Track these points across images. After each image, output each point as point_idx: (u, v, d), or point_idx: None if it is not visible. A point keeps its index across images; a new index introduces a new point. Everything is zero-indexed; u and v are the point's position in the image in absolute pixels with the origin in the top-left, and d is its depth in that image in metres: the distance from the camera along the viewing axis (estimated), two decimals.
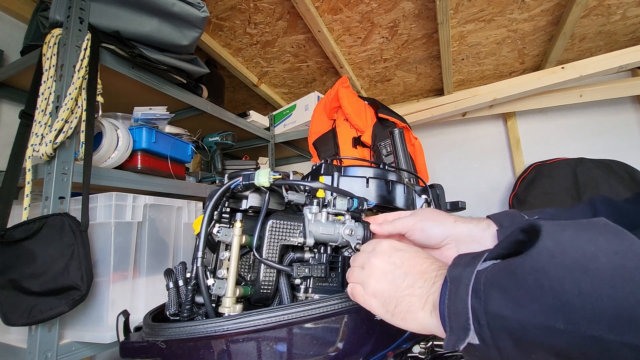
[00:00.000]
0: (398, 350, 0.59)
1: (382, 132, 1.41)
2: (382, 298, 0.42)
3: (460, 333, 0.32)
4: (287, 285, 0.59)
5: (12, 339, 0.93)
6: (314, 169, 0.72)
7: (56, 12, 0.95)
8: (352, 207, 0.62)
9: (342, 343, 0.52)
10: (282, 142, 2.11)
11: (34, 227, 0.82)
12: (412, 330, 0.39)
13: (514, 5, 1.56)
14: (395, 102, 2.56)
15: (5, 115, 1.39)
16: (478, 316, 0.31)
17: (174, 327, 0.49)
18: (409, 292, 0.39)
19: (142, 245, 1.02)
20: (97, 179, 0.96)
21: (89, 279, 0.82)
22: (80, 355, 0.90)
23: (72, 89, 0.89)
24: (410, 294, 0.39)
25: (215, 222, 0.60)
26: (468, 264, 0.35)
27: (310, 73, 2.15)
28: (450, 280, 0.35)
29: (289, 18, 1.63)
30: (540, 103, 2.05)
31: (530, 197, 1.91)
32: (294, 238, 0.59)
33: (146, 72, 1.20)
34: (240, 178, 0.60)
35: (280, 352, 0.49)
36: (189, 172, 1.59)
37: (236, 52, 1.92)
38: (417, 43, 1.83)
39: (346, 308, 0.51)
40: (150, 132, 1.14)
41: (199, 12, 1.15)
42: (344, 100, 1.46)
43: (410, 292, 0.39)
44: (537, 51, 1.93)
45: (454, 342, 0.33)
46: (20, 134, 0.95)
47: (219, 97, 1.73)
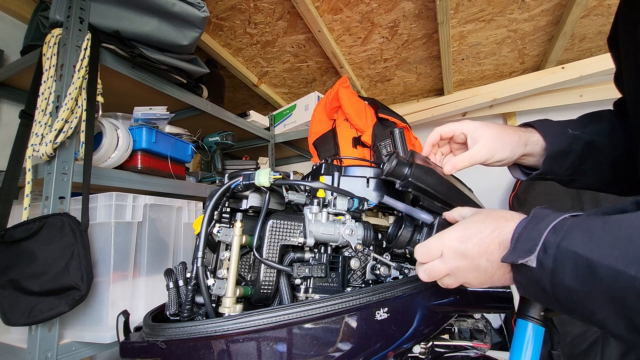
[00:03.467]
0: (398, 350, 0.59)
1: (382, 132, 1.41)
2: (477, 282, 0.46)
3: (522, 253, 0.37)
4: (287, 285, 0.59)
5: (12, 339, 0.93)
6: (314, 169, 0.72)
7: (56, 12, 0.95)
8: (352, 207, 0.62)
9: (342, 343, 0.52)
10: (282, 142, 2.10)
11: (34, 227, 0.82)
12: None
13: (514, 5, 1.56)
14: (395, 102, 2.56)
15: (5, 115, 1.39)
16: (547, 246, 0.35)
17: (174, 327, 0.49)
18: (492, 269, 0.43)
19: (142, 245, 1.02)
20: (97, 179, 0.96)
21: (89, 279, 0.82)
22: (80, 355, 0.90)
23: (72, 88, 0.89)
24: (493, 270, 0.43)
25: (215, 222, 0.60)
26: (559, 210, 0.38)
27: (310, 73, 2.15)
28: (534, 215, 0.40)
29: (289, 18, 1.63)
30: (540, 103, 2.05)
31: (530, 197, 1.91)
32: (294, 238, 0.59)
33: (146, 72, 1.20)
34: (240, 178, 0.60)
35: (280, 352, 0.49)
36: (189, 172, 1.59)
37: (236, 52, 1.92)
38: (417, 43, 1.83)
39: (346, 308, 0.51)
40: (150, 132, 1.14)
41: (199, 12, 1.15)
42: (344, 100, 1.46)
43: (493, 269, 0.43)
44: (537, 51, 1.93)
45: (513, 257, 0.38)
46: (20, 134, 0.95)
47: (219, 97, 1.73)
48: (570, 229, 0.35)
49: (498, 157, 0.60)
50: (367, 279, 0.65)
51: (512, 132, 0.62)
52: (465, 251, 0.44)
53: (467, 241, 0.44)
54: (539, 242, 0.36)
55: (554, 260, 0.35)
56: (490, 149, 0.60)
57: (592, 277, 0.32)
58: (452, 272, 0.46)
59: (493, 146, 0.60)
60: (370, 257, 0.65)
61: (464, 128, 0.63)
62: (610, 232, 0.32)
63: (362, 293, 0.53)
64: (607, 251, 0.31)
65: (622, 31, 0.57)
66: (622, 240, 0.31)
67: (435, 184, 0.59)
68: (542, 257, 0.35)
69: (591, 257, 0.32)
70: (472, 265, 0.44)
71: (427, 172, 0.59)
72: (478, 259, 0.43)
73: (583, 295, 0.33)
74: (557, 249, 0.35)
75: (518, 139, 0.62)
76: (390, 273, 0.64)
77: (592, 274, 0.32)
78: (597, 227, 0.34)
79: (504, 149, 0.60)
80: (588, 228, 0.34)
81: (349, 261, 0.63)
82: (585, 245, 0.33)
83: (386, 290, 0.55)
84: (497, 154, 0.60)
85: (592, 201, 1.74)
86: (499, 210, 0.46)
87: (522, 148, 0.62)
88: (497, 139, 0.60)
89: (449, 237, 0.46)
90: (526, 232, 0.38)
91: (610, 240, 0.32)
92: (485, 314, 1.01)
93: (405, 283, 0.58)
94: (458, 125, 0.63)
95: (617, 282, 0.30)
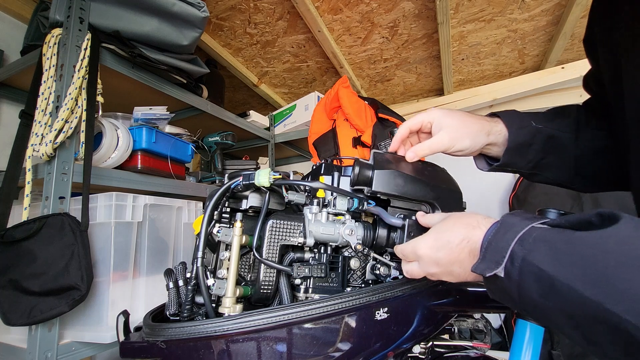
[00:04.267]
0: (398, 350, 0.59)
1: (382, 132, 1.41)
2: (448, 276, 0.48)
3: (490, 264, 0.38)
4: (287, 285, 0.59)
5: (12, 339, 0.93)
6: (314, 169, 0.72)
7: (56, 12, 0.95)
8: (352, 207, 0.62)
9: (342, 343, 0.52)
10: (282, 142, 2.11)
11: (34, 227, 0.82)
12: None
13: (514, 5, 1.56)
14: (395, 102, 2.56)
15: (5, 115, 1.39)
16: (514, 258, 0.36)
17: (174, 327, 0.49)
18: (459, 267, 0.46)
19: (142, 245, 1.02)
20: (97, 179, 0.96)
21: (89, 279, 0.82)
22: (80, 355, 0.90)
23: (72, 88, 0.89)
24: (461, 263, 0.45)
25: (215, 222, 0.60)
26: (526, 218, 0.39)
27: (310, 73, 2.15)
28: (502, 223, 0.40)
29: (289, 18, 1.63)
30: (540, 103, 2.05)
31: (530, 197, 1.91)
32: (294, 238, 0.59)
33: (146, 72, 1.20)
34: (240, 178, 0.60)
35: (280, 352, 0.49)
36: (189, 172, 1.59)
37: (236, 52, 1.92)
38: (417, 43, 1.83)
39: (346, 308, 0.51)
40: (150, 132, 1.14)
41: (199, 12, 1.15)
42: (344, 100, 1.46)
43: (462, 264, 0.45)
44: (537, 51, 1.93)
45: (482, 268, 0.39)
46: (20, 134, 0.95)
47: (219, 97, 1.73)
48: (536, 243, 0.36)
49: (459, 146, 0.61)
50: (367, 279, 0.65)
51: (475, 121, 0.62)
52: (437, 259, 0.46)
53: (439, 251, 0.46)
54: (506, 253, 0.37)
55: (520, 273, 0.35)
56: (451, 137, 0.60)
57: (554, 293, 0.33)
58: (429, 275, 0.49)
59: (455, 135, 0.60)
60: (370, 257, 0.65)
61: (430, 117, 0.62)
62: (573, 251, 0.33)
63: (362, 293, 0.53)
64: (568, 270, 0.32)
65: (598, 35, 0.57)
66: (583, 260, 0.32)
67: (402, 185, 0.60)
68: (510, 268, 0.36)
69: (553, 274, 0.33)
70: (446, 271, 0.46)
71: (391, 174, 0.59)
72: (451, 266, 0.45)
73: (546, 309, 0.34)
74: (523, 262, 0.35)
75: (481, 127, 0.62)
76: (390, 273, 0.64)
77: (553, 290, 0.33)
78: (561, 244, 0.34)
79: (465, 137, 0.60)
80: (553, 244, 0.35)
81: (349, 261, 0.63)
82: (548, 262, 0.34)
83: (386, 290, 0.55)
84: (458, 142, 0.60)
85: (592, 202, 1.74)
86: (466, 216, 0.47)
87: (484, 137, 0.62)
88: (460, 127, 0.60)
89: (422, 247, 0.48)
90: (495, 242, 0.39)
91: (571, 259, 0.32)
92: (485, 314, 1.00)
93: (405, 283, 0.58)
94: (425, 115, 0.63)
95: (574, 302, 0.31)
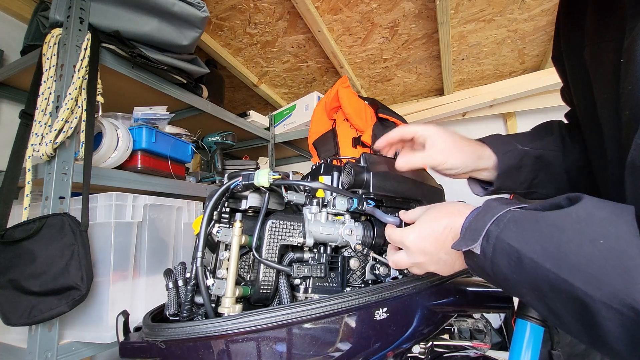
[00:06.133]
0: (398, 350, 0.59)
1: (382, 132, 1.40)
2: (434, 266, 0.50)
3: (468, 241, 0.41)
4: (286, 286, 0.59)
5: (12, 339, 0.93)
6: (313, 169, 0.72)
7: (56, 12, 0.95)
8: (351, 207, 0.62)
9: (342, 343, 0.52)
10: (282, 142, 2.10)
11: (34, 227, 0.82)
12: None
13: (514, 5, 1.56)
14: (395, 102, 2.56)
15: (5, 115, 1.39)
16: (489, 237, 0.40)
17: (174, 327, 0.49)
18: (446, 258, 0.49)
19: (142, 245, 1.02)
20: (97, 179, 0.96)
21: (89, 279, 0.82)
22: (80, 355, 0.90)
23: (72, 88, 0.89)
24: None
25: (215, 222, 0.60)
26: (505, 203, 0.42)
27: (310, 73, 2.15)
28: (484, 206, 0.44)
29: (289, 18, 1.63)
30: (540, 103, 2.05)
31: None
32: (294, 238, 0.59)
33: (146, 72, 1.20)
34: (239, 178, 0.60)
35: (279, 352, 0.49)
36: (189, 172, 1.59)
37: (236, 52, 1.92)
38: (417, 43, 1.83)
39: (346, 308, 0.51)
40: (150, 132, 1.14)
41: (199, 12, 1.15)
42: (344, 100, 1.46)
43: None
44: (537, 51, 1.92)
45: (460, 244, 0.42)
46: (20, 134, 0.95)
47: (219, 97, 1.73)
48: (509, 222, 0.39)
49: (450, 165, 0.62)
50: (367, 279, 0.66)
51: (467, 144, 0.64)
52: (424, 248, 0.49)
53: (425, 240, 0.49)
54: (482, 232, 0.40)
55: (493, 249, 0.39)
56: (444, 155, 0.61)
57: (520, 267, 0.37)
58: (416, 265, 0.51)
59: (448, 153, 0.61)
60: (369, 257, 0.65)
61: (425, 131, 0.63)
62: (537, 228, 0.36)
63: (362, 293, 0.53)
64: (532, 246, 0.36)
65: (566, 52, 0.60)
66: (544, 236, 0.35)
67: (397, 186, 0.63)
68: (485, 245, 0.40)
69: (519, 250, 0.36)
70: (433, 259, 0.49)
71: (385, 176, 0.62)
72: (437, 254, 0.48)
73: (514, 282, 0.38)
74: (496, 239, 0.39)
75: (472, 150, 0.63)
76: (389, 273, 0.64)
77: (519, 265, 0.37)
78: (528, 223, 0.38)
79: (456, 157, 0.62)
80: (522, 223, 0.38)
81: (349, 261, 0.63)
82: (516, 238, 0.37)
83: (385, 290, 0.55)
84: (449, 160, 0.61)
85: None
86: (447, 205, 0.51)
87: (475, 161, 0.63)
88: (453, 147, 0.62)
89: (409, 237, 0.50)
90: (474, 223, 0.43)
91: (535, 236, 0.36)
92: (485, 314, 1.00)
93: (404, 283, 0.58)
94: (420, 128, 0.64)
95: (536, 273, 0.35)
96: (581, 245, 0.32)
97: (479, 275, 0.45)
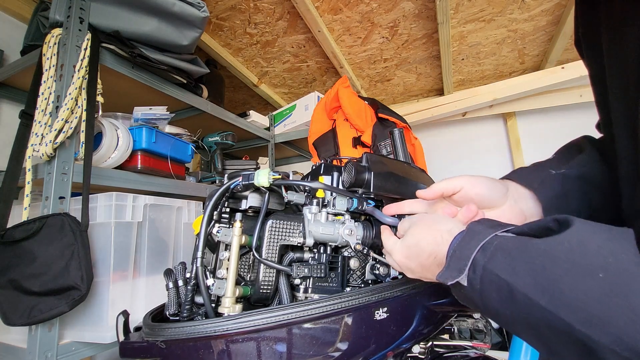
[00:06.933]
0: (398, 350, 0.59)
1: (382, 132, 1.41)
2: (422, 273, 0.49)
3: (454, 272, 0.38)
4: (286, 285, 0.59)
5: (12, 339, 0.93)
6: (313, 169, 0.72)
7: (56, 12, 0.95)
8: (351, 207, 0.62)
9: (342, 343, 0.52)
10: (282, 142, 2.10)
11: (34, 227, 0.82)
12: None
13: (514, 5, 1.56)
14: (395, 102, 2.56)
15: (5, 115, 1.39)
16: (475, 267, 0.36)
17: (174, 327, 0.49)
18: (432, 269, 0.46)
19: (142, 245, 1.02)
20: (97, 179, 0.96)
21: (89, 279, 0.82)
22: (80, 355, 0.90)
23: (72, 88, 0.89)
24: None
25: (215, 222, 0.60)
26: (491, 227, 0.39)
27: (310, 73, 2.15)
28: (468, 231, 0.40)
29: (289, 18, 1.63)
30: (540, 103, 2.05)
31: None
32: (294, 238, 0.59)
33: (146, 72, 1.20)
34: (239, 178, 0.60)
35: (279, 352, 0.49)
36: (189, 172, 1.59)
37: (236, 52, 1.92)
38: (417, 43, 1.83)
39: (345, 308, 0.51)
40: (150, 132, 1.14)
41: (199, 12, 1.15)
42: (344, 100, 1.46)
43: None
44: (537, 51, 1.93)
45: (446, 277, 0.39)
46: (20, 134, 0.95)
47: (219, 97, 1.73)
48: (496, 250, 0.35)
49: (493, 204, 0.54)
50: (367, 279, 0.66)
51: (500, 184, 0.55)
52: (411, 268, 0.49)
53: (411, 261, 0.48)
54: (468, 261, 0.37)
55: (481, 281, 0.35)
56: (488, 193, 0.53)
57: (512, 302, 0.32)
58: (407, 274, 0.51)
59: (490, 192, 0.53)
60: (369, 257, 0.65)
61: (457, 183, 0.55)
62: (527, 259, 0.32)
63: (362, 293, 0.53)
64: (523, 279, 0.32)
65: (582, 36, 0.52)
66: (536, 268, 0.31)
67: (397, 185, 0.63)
68: (472, 277, 0.36)
69: (510, 283, 0.32)
70: (420, 276, 0.49)
71: (385, 176, 0.62)
72: (424, 273, 0.47)
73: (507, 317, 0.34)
74: (483, 270, 0.35)
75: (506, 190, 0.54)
76: (389, 273, 0.64)
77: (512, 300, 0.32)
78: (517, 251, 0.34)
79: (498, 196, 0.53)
80: (510, 251, 0.34)
81: (349, 261, 0.63)
82: (506, 270, 0.33)
83: (385, 290, 0.55)
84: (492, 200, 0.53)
85: None
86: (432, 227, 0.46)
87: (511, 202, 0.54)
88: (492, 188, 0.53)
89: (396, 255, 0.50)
90: (459, 250, 0.39)
91: (526, 268, 0.32)
92: None
93: (404, 283, 0.58)
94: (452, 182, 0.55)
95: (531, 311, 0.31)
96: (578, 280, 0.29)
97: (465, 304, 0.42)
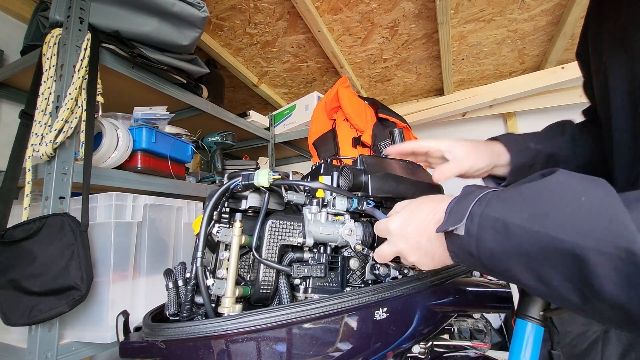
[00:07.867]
0: (398, 350, 0.59)
1: (382, 132, 1.41)
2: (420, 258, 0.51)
3: (452, 223, 0.42)
4: (286, 285, 0.59)
5: (12, 339, 0.93)
6: (313, 169, 0.72)
7: (56, 12, 0.95)
8: (351, 207, 0.62)
9: (341, 343, 0.52)
10: (282, 142, 2.10)
11: (34, 227, 0.82)
12: None
13: (514, 5, 1.56)
14: (395, 102, 2.56)
15: (5, 115, 1.39)
16: (473, 215, 0.41)
17: (174, 327, 0.49)
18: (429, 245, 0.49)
19: (142, 245, 1.02)
20: (97, 179, 0.96)
21: (89, 279, 0.82)
22: (80, 355, 0.90)
23: (72, 89, 0.89)
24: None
25: (214, 222, 0.60)
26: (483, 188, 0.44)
27: (310, 73, 2.15)
28: (463, 192, 0.45)
29: (289, 18, 1.63)
30: (540, 103, 2.05)
31: None
32: (294, 238, 0.59)
33: (146, 72, 1.20)
34: (239, 178, 0.60)
35: (279, 352, 0.49)
36: (189, 172, 1.59)
37: (236, 52, 1.92)
38: (417, 43, 1.83)
39: (345, 308, 0.51)
40: (150, 132, 1.14)
41: (199, 12, 1.15)
42: (344, 100, 1.46)
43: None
44: (537, 51, 1.93)
45: (445, 227, 0.43)
46: (20, 134, 0.95)
47: (219, 97, 1.73)
48: (491, 199, 0.41)
49: (478, 166, 0.68)
50: (367, 279, 0.65)
51: (483, 145, 0.70)
52: (406, 234, 0.50)
53: (408, 225, 0.50)
54: (466, 212, 0.41)
55: (478, 226, 0.40)
56: (471, 159, 0.68)
57: (507, 236, 0.37)
58: (399, 253, 0.52)
59: (472, 157, 0.68)
60: (369, 257, 0.65)
61: (441, 145, 0.69)
62: (520, 199, 0.38)
63: (361, 293, 0.53)
64: (518, 213, 0.37)
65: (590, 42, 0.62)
66: (528, 203, 0.37)
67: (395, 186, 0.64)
68: (469, 225, 0.41)
69: (505, 219, 0.37)
70: (414, 246, 0.49)
71: (383, 178, 0.63)
72: (419, 241, 0.49)
73: (500, 254, 0.39)
74: (480, 216, 0.40)
75: (491, 149, 0.69)
76: (389, 273, 0.64)
77: (507, 234, 0.37)
78: (511, 195, 0.39)
79: (482, 158, 0.68)
80: (505, 196, 0.40)
81: (348, 261, 0.63)
82: (501, 210, 0.39)
83: (385, 290, 0.55)
84: (476, 163, 0.68)
85: None
86: (431, 196, 0.53)
87: (495, 158, 0.69)
88: (473, 151, 0.68)
89: (393, 221, 0.51)
90: (456, 206, 0.44)
91: (520, 205, 0.37)
92: (485, 313, 1.00)
93: (404, 283, 0.58)
94: (434, 143, 0.70)
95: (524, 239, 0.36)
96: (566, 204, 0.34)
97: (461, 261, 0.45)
